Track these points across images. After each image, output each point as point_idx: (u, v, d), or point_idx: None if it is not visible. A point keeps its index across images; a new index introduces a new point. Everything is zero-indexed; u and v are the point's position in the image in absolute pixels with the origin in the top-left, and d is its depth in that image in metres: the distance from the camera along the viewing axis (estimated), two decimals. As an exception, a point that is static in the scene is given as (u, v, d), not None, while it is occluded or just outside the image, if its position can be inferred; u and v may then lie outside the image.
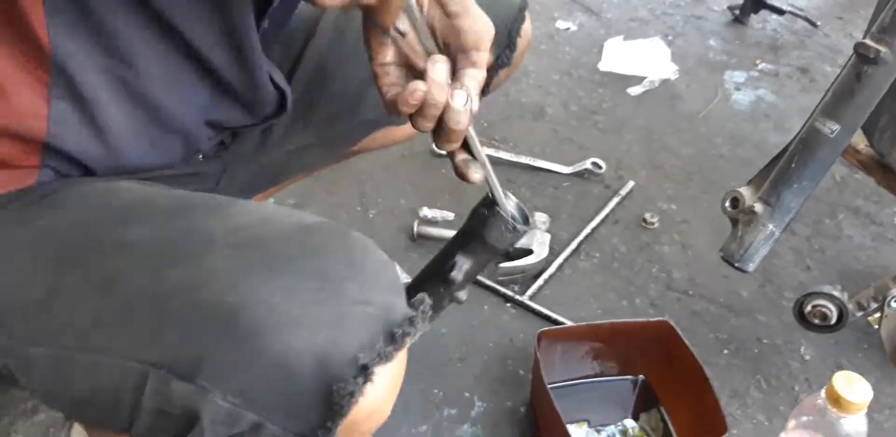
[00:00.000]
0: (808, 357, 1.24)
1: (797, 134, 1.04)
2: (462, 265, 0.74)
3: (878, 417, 1.16)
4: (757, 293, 1.35)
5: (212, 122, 0.76)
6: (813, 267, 1.42)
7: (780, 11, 2.25)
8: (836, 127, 1.00)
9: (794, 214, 1.05)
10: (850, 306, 1.09)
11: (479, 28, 0.63)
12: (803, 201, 1.04)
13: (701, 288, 1.35)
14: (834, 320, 1.09)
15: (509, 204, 0.73)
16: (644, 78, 1.95)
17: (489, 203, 0.72)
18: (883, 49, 0.95)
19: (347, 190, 1.50)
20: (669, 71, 1.99)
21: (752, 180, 1.09)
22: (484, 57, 0.64)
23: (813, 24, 2.23)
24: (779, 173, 1.04)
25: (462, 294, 0.79)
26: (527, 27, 1.01)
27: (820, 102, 1.02)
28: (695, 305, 1.32)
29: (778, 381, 1.20)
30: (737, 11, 2.29)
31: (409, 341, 0.56)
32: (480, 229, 0.72)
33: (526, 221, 0.74)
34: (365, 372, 0.53)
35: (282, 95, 0.80)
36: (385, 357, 0.54)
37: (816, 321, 1.10)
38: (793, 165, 1.02)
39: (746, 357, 1.23)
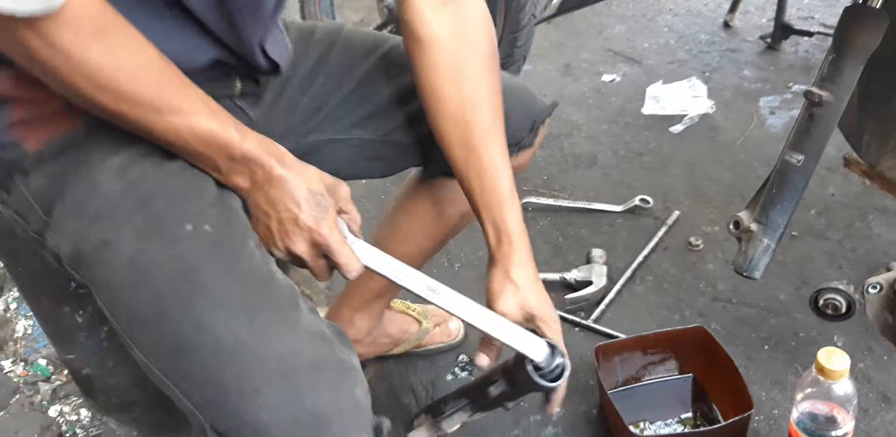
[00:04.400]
0: (840, 344, 1.44)
1: (774, 166, 1.29)
2: (499, 387, 0.98)
3: (906, 389, 1.35)
4: (794, 295, 1.56)
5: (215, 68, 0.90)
6: (845, 266, 1.62)
7: (809, 33, 2.46)
8: (801, 157, 1.24)
9: (783, 229, 1.28)
10: (857, 297, 1.30)
11: None
12: (789, 218, 1.27)
13: (743, 296, 1.58)
14: (844, 310, 1.30)
15: (538, 350, 0.92)
16: (684, 116, 2.20)
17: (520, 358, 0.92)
18: (825, 94, 1.20)
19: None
20: (707, 106, 2.23)
21: (748, 205, 1.34)
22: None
23: (843, 40, 2.42)
24: (765, 198, 1.28)
25: (510, 404, 1.00)
26: (547, 123, 1.17)
27: (787, 139, 1.27)
28: (738, 311, 1.55)
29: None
30: (768, 39, 2.51)
31: None
32: (516, 377, 0.95)
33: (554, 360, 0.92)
34: None
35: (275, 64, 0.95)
36: None
37: (830, 312, 1.31)
38: (773, 191, 1.26)
39: (785, 350, 1.45)
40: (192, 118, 0.78)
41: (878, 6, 1.10)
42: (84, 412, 1.43)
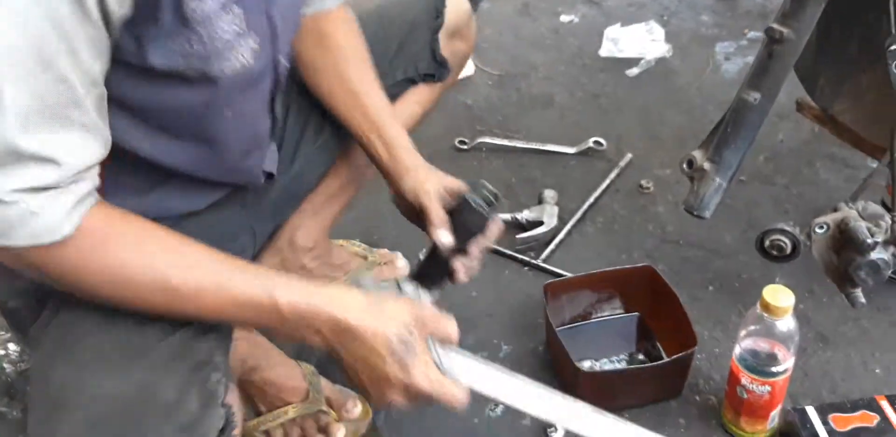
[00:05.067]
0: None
1: (731, 105, 1.27)
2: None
3: (843, 328, 1.38)
4: (740, 238, 1.57)
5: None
6: (791, 211, 1.63)
7: (768, -20, 2.43)
8: (758, 96, 1.22)
9: (735, 169, 1.28)
10: (802, 238, 1.31)
11: None
12: (741, 157, 1.27)
13: (690, 238, 1.59)
14: (789, 251, 1.30)
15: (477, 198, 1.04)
16: (641, 59, 2.17)
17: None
18: (786, 30, 1.18)
19: (384, 188, 1.77)
20: (664, 50, 2.20)
21: (702, 145, 1.33)
22: None
23: (801, -12, 2.40)
24: (720, 137, 1.27)
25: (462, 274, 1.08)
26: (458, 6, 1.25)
27: (745, 78, 1.25)
28: (685, 252, 1.56)
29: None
30: (728, -16, 2.48)
31: None
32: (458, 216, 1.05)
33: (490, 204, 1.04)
34: None
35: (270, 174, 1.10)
36: None
37: (775, 253, 1.32)
38: (728, 130, 1.25)
39: (729, 291, 1.47)
40: (219, 293, 0.76)
41: (844, -62, 1.07)
42: (12, 347, 1.38)
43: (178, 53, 0.76)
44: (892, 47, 1.04)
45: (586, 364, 1.31)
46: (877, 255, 1.13)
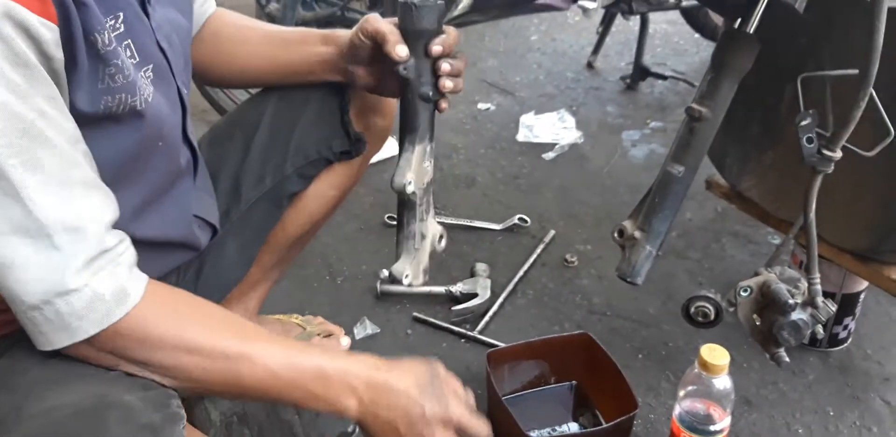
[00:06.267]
0: (706, 353, 1.53)
1: (657, 177, 1.37)
2: (409, 64, 1.02)
3: (764, 391, 1.45)
4: (661, 309, 1.65)
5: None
6: (704, 283, 1.73)
7: (663, 77, 2.67)
8: (681, 168, 1.32)
9: (663, 237, 1.36)
10: (724, 304, 1.39)
11: None
12: (669, 226, 1.35)
13: (616, 309, 1.65)
14: (713, 317, 1.38)
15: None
16: (555, 144, 2.31)
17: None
18: (704, 110, 1.30)
19: (315, 263, 1.79)
20: (575, 136, 2.35)
21: (632, 215, 1.41)
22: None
23: (692, 85, 2.64)
24: (648, 207, 1.36)
25: (426, 90, 1.04)
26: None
27: (668, 152, 1.36)
28: (612, 323, 1.61)
29: (683, 373, 1.48)
30: (628, 80, 2.70)
31: None
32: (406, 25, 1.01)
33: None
34: None
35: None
36: None
37: (700, 319, 1.39)
38: (656, 200, 1.34)
39: (657, 359, 1.52)
40: (286, 355, 0.83)
41: (751, 31, 1.21)
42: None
43: (104, 92, 0.78)
44: (802, 123, 1.16)
45: (533, 435, 1.32)
46: (797, 315, 1.22)
